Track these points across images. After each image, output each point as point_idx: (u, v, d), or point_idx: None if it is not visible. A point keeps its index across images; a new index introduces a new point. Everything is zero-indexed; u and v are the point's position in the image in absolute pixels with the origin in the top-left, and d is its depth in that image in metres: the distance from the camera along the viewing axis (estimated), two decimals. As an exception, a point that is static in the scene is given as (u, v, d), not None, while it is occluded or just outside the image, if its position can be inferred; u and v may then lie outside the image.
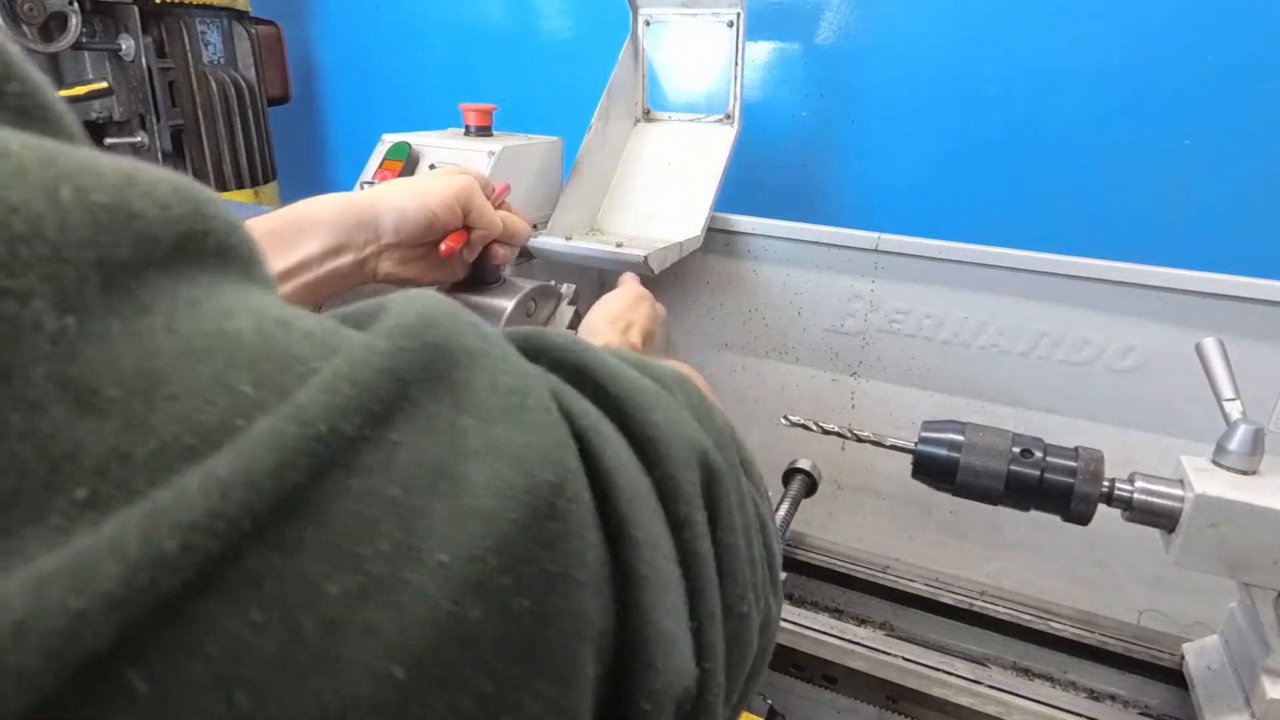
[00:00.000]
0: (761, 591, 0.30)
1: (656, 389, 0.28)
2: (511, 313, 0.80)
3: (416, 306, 0.21)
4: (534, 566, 0.19)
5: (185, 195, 0.17)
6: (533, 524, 0.19)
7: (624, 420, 0.26)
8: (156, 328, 0.16)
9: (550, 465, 0.20)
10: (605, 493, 0.23)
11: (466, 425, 0.19)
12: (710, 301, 1.23)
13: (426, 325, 0.20)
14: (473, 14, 1.71)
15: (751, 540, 0.29)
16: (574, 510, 0.21)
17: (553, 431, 0.21)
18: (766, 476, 0.81)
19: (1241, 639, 0.69)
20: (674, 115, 1.24)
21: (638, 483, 0.24)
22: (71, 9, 1.28)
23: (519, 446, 0.20)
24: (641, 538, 0.23)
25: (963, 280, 1.04)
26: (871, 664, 0.81)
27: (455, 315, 0.21)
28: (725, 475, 0.28)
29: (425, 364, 0.19)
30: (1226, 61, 1.18)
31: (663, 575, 0.23)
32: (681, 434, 0.26)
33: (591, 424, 0.24)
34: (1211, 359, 0.67)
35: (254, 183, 1.63)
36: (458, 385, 0.20)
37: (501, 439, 0.20)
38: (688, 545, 0.25)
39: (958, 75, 1.33)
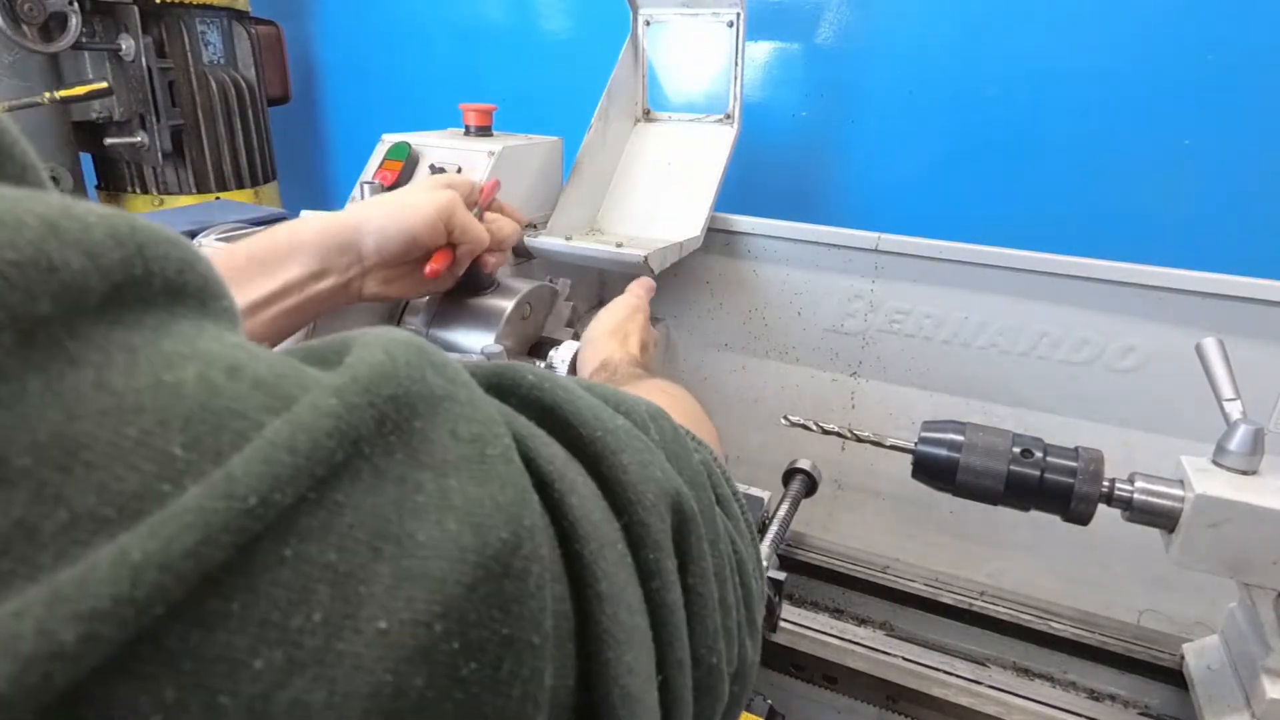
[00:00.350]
0: (736, 636, 0.29)
1: (628, 429, 0.27)
2: (510, 314, 0.80)
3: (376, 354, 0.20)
4: (485, 630, 0.18)
5: (122, 239, 0.16)
6: (484, 585, 0.18)
7: (593, 462, 0.25)
8: (83, 384, 0.15)
9: (506, 521, 0.19)
10: (570, 542, 0.22)
11: (420, 479, 0.19)
12: (710, 301, 1.23)
13: (383, 377, 0.19)
14: (473, 14, 1.71)
15: (725, 582, 0.29)
16: (531, 569, 0.20)
17: (512, 483, 0.20)
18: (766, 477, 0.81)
19: (1241, 639, 0.69)
20: (674, 115, 1.24)
21: (604, 531, 0.23)
22: (71, 9, 1.28)
23: (473, 501, 0.19)
24: (606, 591, 0.22)
25: (963, 280, 1.04)
26: (871, 664, 0.81)
27: (419, 359, 0.21)
28: (697, 518, 0.27)
29: (379, 419, 0.18)
30: (1226, 62, 1.18)
31: (627, 630, 0.22)
32: (652, 477, 0.26)
33: (557, 469, 0.23)
34: (1211, 359, 0.67)
35: (254, 183, 1.63)
36: (414, 435, 0.19)
37: (456, 493, 0.19)
38: (656, 595, 0.24)
39: (958, 75, 1.33)
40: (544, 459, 0.23)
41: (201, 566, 0.14)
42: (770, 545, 0.81)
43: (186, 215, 1.06)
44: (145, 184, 1.53)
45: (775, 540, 0.82)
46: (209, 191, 1.55)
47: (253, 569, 0.15)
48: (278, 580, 0.15)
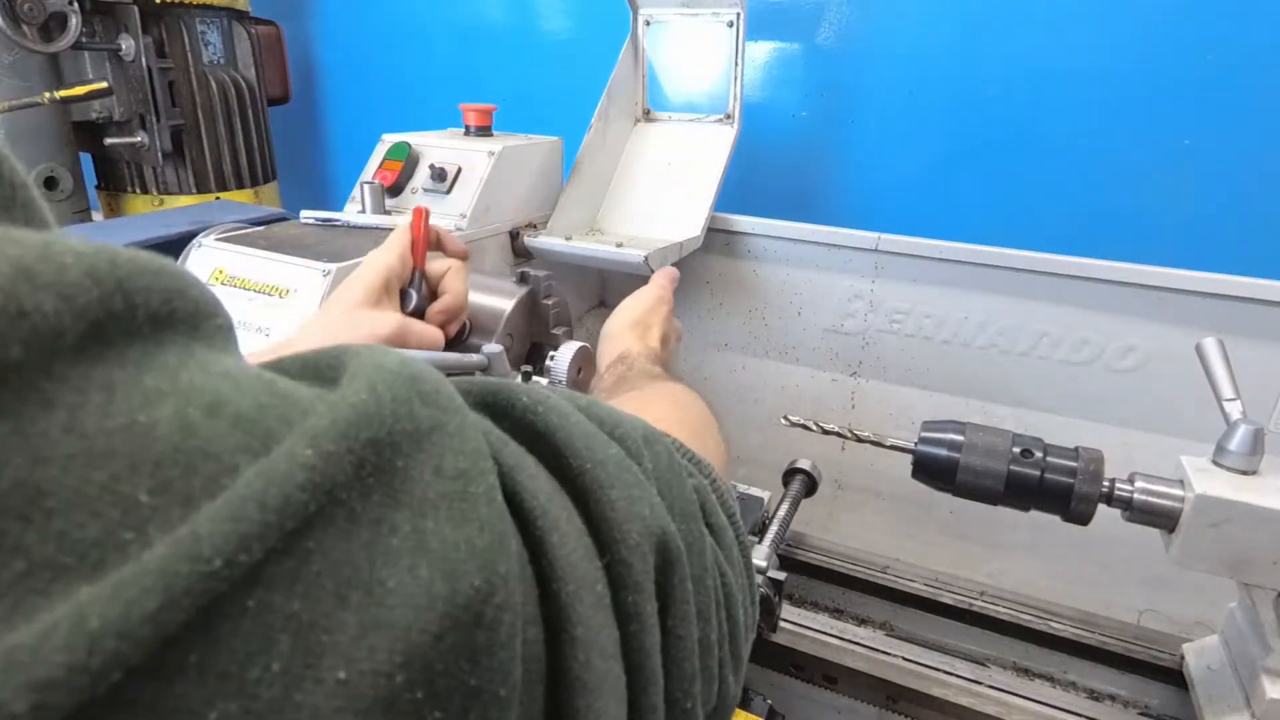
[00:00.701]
0: (716, 674, 0.29)
1: (619, 460, 0.27)
2: (510, 314, 0.80)
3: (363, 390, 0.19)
4: (451, 680, 0.18)
5: (100, 276, 0.16)
6: (453, 634, 0.18)
7: (581, 496, 0.25)
8: (54, 428, 0.15)
9: (480, 568, 0.19)
10: (548, 581, 0.22)
11: (396, 521, 0.18)
12: (710, 301, 1.23)
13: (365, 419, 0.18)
14: (473, 14, 1.71)
15: (709, 620, 0.29)
16: (503, 618, 0.19)
17: (491, 526, 0.20)
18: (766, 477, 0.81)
19: (1241, 639, 0.69)
20: (674, 115, 1.24)
21: (583, 571, 0.23)
22: (71, 9, 1.28)
23: (450, 545, 0.19)
24: (581, 635, 0.22)
25: (963, 280, 1.04)
26: (871, 664, 0.81)
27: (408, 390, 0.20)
28: (683, 559, 0.27)
29: (358, 464, 0.18)
30: (1226, 62, 1.18)
31: (599, 675, 0.22)
32: (639, 514, 0.25)
33: (541, 505, 0.23)
34: (1211, 359, 0.67)
35: (254, 183, 1.63)
36: (395, 475, 0.19)
37: (433, 535, 0.19)
38: (633, 639, 0.24)
39: (958, 75, 1.33)
40: (529, 493, 0.23)
41: (162, 631, 0.14)
42: (770, 545, 0.81)
43: (186, 215, 1.06)
44: (145, 184, 1.53)
45: (775, 540, 0.82)
46: (209, 191, 1.55)
47: (213, 623, 0.15)
48: (238, 631, 0.15)
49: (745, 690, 0.83)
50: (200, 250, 0.84)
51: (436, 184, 1.03)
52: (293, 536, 0.16)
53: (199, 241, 0.85)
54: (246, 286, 0.80)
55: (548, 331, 0.84)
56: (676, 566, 0.26)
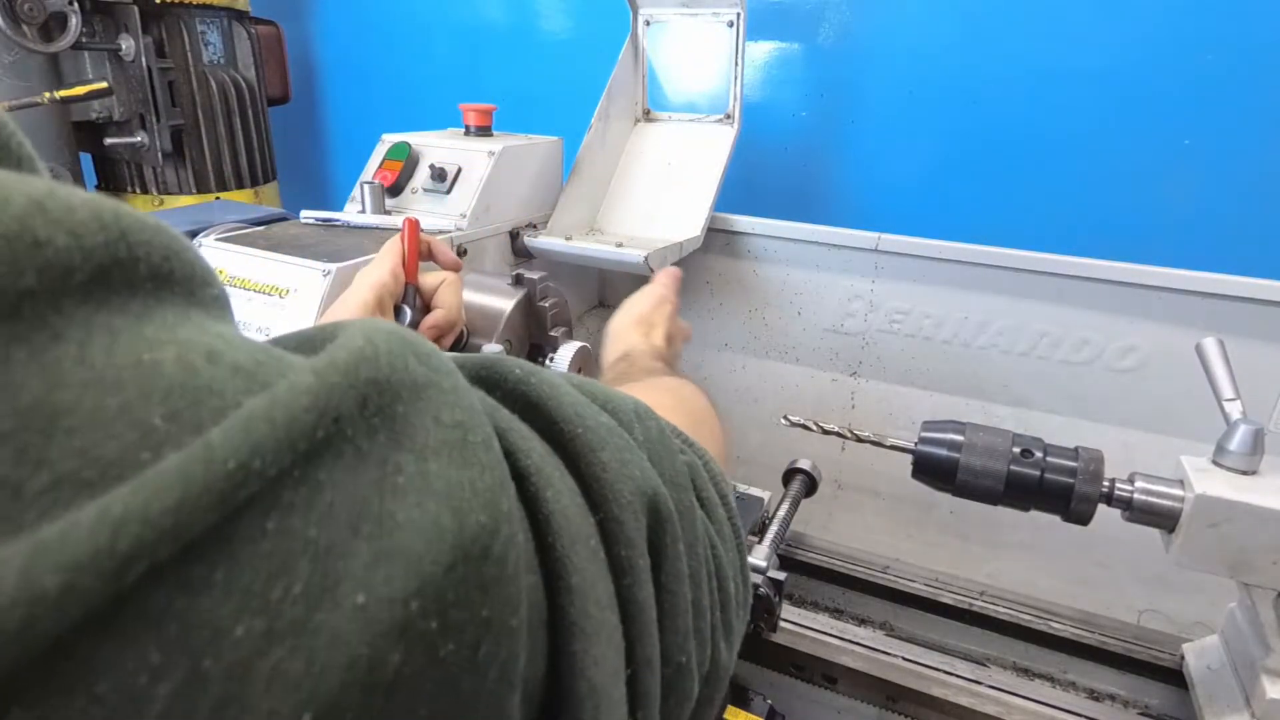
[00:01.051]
0: (709, 639, 0.29)
1: (611, 427, 0.27)
2: (510, 314, 0.80)
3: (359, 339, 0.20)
4: (464, 611, 0.19)
5: (106, 222, 0.17)
6: (462, 566, 0.19)
7: (572, 459, 0.25)
8: (65, 358, 0.15)
9: (485, 506, 0.20)
10: (544, 535, 0.22)
11: (401, 461, 0.19)
12: (710, 301, 1.23)
13: (363, 360, 0.19)
14: (473, 14, 1.71)
15: (701, 585, 0.29)
16: (509, 553, 0.20)
17: (492, 470, 0.21)
18: (766, 476, 0.81)
19: (1241, 639, 0.69)
20: (674, 115, 1.24)
21: (578, 525, 0.23)
22: (71, 9, 1.28)
23: (455, 484, 0.19)
24: (577, 584, 0.22)
25: (963, 280, 1.04)
26: (871, 664, 0.81)
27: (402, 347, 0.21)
28: (674, 519, 0.27)
29: (363, 399, 0.19)
30: (1226, 62, 1.18)
31: (596, 623, 0.23)
32: (629, 475, 0.26)
33: (535, 463, 0.23)
34: (1211, 359, 0.67)
35: (254, 182, 1.63)
36: (396, 419, 0.19)
37: (437, 476, 0.19)
38: (627, 591, 0.25)
39: (958, 75, 1.33)
40: (522, 452, 0.23)
41: (182, 527, 0.15)
42: (770, 545, 0.81)
43: (186, 215, 1.06)
44: (145, 184, 1.53)
45: (775, 540, 0.82)
46: (209, 191, 1.55)
47: (235, 539, 0.15)
48: (259, 552, 0.16)
49: (745, 690, 0.83)
50: (200, 250, 0.84)
51: (436, 184, 1.03)
52: (304, 463, 0.17)
53: (199, 241, 0.85)
54: (246, 286, 0.80)
55: (546, 333, 0.84)
56: (668, 526, 0.27)
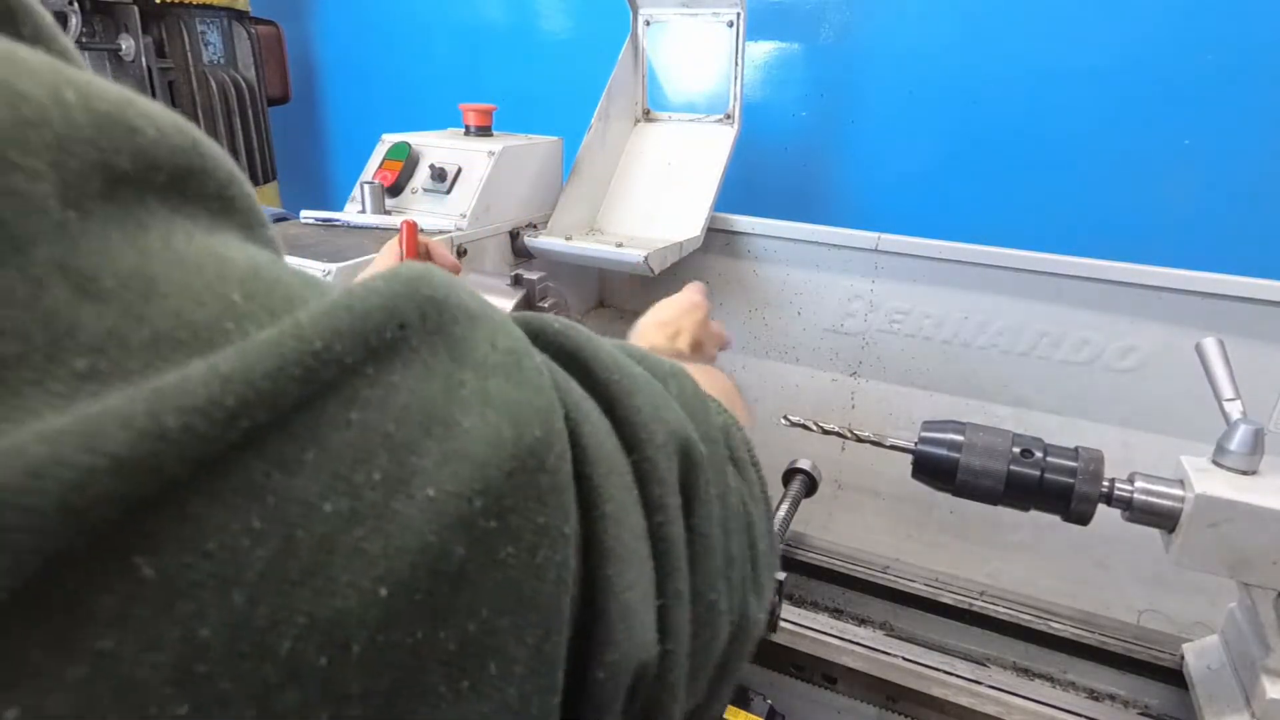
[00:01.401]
0: (738, 588, 0.30)
1: (646, 378, 0.28)
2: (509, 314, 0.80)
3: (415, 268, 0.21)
4: (521, 516, 0.20)
5: (183, 129, 0.18)
6: (521, 474, 0.20)
7: (608, 403, 0.26)
8: (152, 242, 0.16)
9: (541, 421, 0.21)
10: (581, 465, 0.23)
11: (464, 377, 0.20)
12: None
13: (421, 280, 0.20)
14: (473, 14, 1.71)
15: (730, 533, 0.30)
16: (562, 466, 0.21)
17: (545, 391, 0.22)
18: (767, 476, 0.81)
19: (1241, 639, 0.69)
20: (674, 115, 1.24)
21: (614, 460, 0.24)
22: (71, 9, 1.28)
23: (513, 402, 0.20)
24: (612, 511, 0.23)
25: (963, 280, 1.04)
26: (871, 664, 0.81)
27: (454, 281, 0.22)
28: (705, 465, 0.28)
29: (423, 313, 0.20)
30: (1226, 62, 1.18)
31: (630, 550, 0.24)
32: (663, 419, 0.27)
33: (574, 400, 0.24)
34: (1211, 359, 0.67)
35: (254, 182, 1.63)
36: (456, 340, 0.20)
37: (496, 393, 0.20)
38: (659, 529, 0.25)
39: (957, 75, 1.33)
40: (562, 390, 0.24)
41: (278, 394, 0.16)
42: (770, 545, 0.80)
43: (186, 215, 1.06)
44: (145, 184, 1.53)
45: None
46: (209, 191, 1.55)
47: (322, 423, 0.17)
48: (345, 439, 0.17)
49: (745, 690, 0.83)
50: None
51: (436, 184, 1.03)
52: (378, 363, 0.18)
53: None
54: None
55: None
56: (700, 471, 0.28)
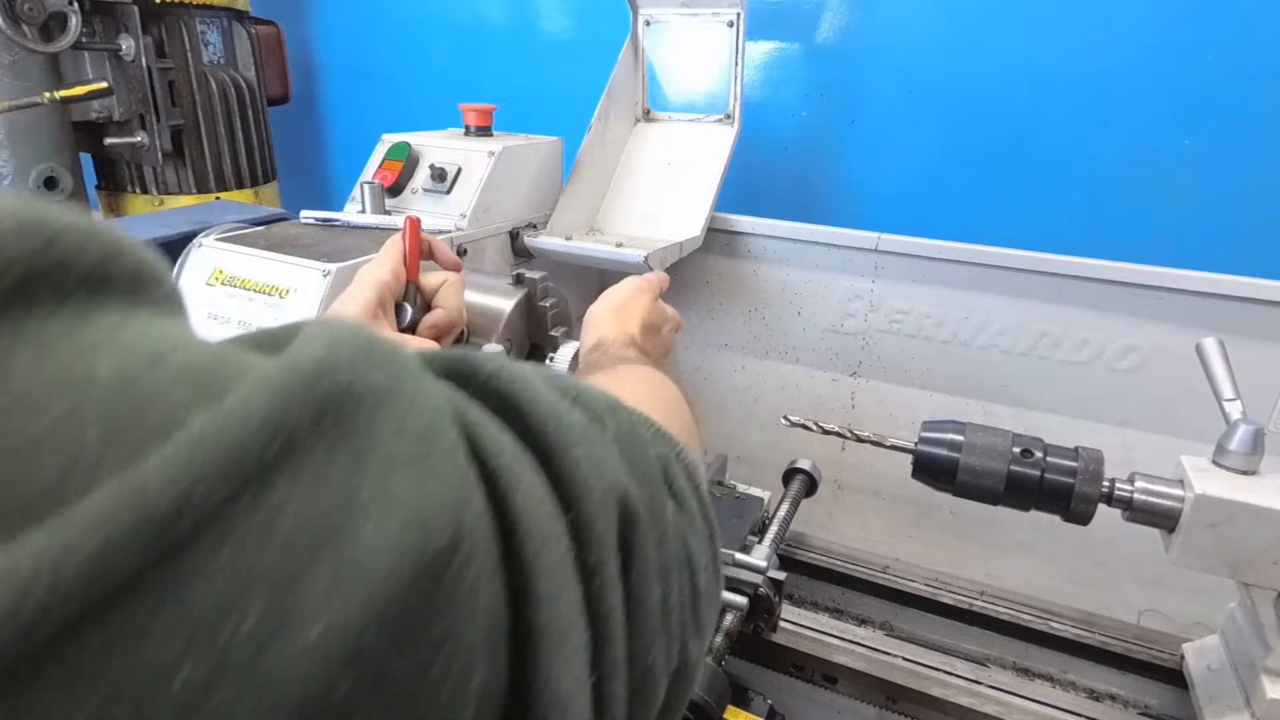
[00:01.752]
0: (676, 636, 0.29)
1: (583, 423, 0.27)
2: (509, 314, 0.80)
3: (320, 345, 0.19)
4: (419, 630, 0.18)
5: (29, 232, 0.16)
6: (421, 584, 0.18)
7: (545, 456, 0.25)
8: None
9: (448, 520, 0.19)
10: (511, 539, 0.22)
11: (364, 476, 0.18)
12: (710, 301, 1.23)
13: (324, 370, 0.18)
14: (473, 14, 1.71)
15: (669, 579, 0.29)
16: (468, 568, 0.20)
17: (456, 481, 0.20)
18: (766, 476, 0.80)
19: (1241, 639, 0.69)
20: (674, 115, 1.24)
21: (548, 528, 0.23)
22: (71, 9, 1.28)
23: (417, 499, 0.19)
24: (544, 590, 0.22)
25: (963, 280, 1.04)
26: (871, 664, 0.81)
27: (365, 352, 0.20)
28: (644, 517, 0.27)
29: (320, 410, 0.18)
30: (1226, 62, 1.18)
31: (563, 630, 0.23)
32: (601, 474, 0.26)
33: (505, 464, 0.23)
34: (1211, 359, 0.67)
35: (254, 183, 1.63)
36: (358, 432, 0.19)
37: (400, 490, 0.19)
38: (596, 594, 0.24)
39: (957, 75, 1.33)
40: (492, 452, 0.23)
41: (109, 573, 0.14)
42: (770, 545, 0.81)
43: (186, 215, 1.06)
44: (145, 184, 1.53)
45: (775, 540, 0.82)
46: (209, 191, 1.55)
47: (181, 574, 0.15)
48: (210, 592, 0.15)
49: (745, 690, 0.83)
50: (200, 250, 0.84)
51: (436, 184, 1.03)
52: (258, 484, 0.16)
53: (199, 241, 0.85)
54: (246, 286, 0.80)
55: (545, 333, 0.84)
56: (638, 524, 0.27)
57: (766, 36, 1.44)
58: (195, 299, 0.81)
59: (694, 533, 0.32)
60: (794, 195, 1.51)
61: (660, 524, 0.29)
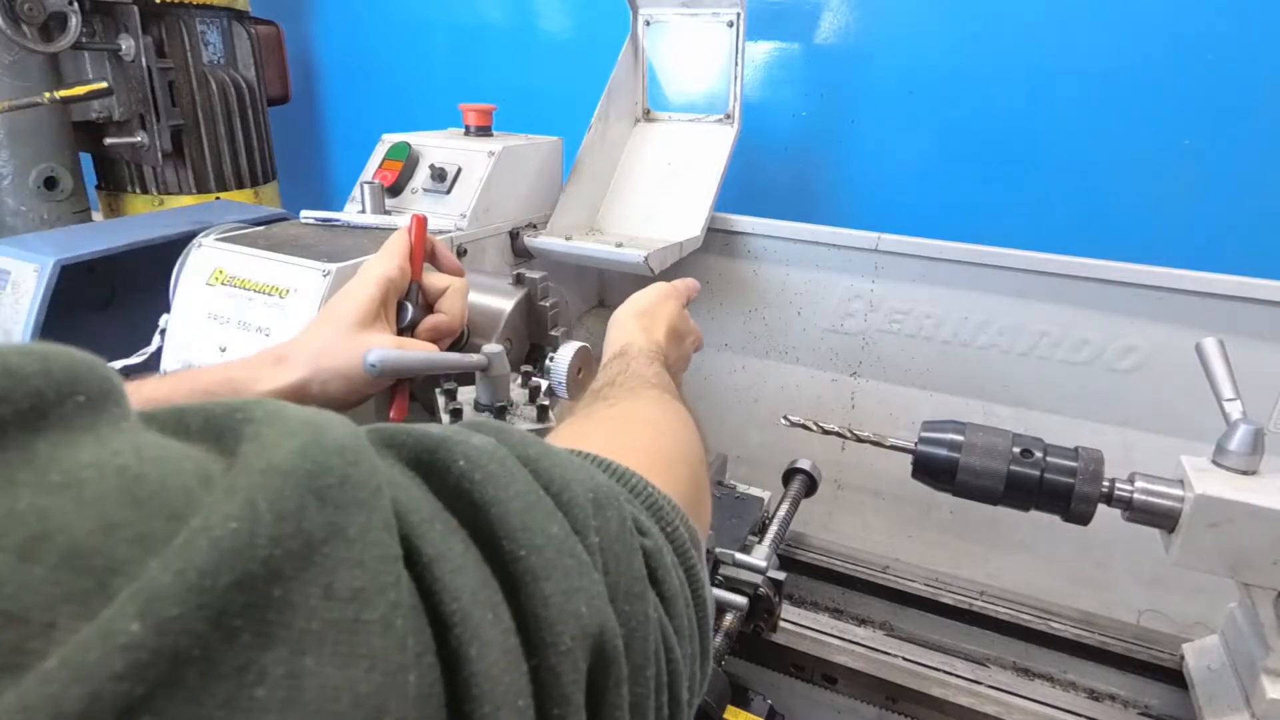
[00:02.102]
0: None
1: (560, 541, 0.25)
2: (509, 315, 0.80)
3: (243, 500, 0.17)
4: None
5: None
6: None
7: (513, 587, 0.23)
8: None
9: (364, 718, 0.17)
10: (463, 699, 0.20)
11: (265, 664, 0.16)
12: (710, 301, 1.23)
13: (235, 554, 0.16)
14: (473, 14, 1.71)
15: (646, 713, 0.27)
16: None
17: (383, 663, 0.18)
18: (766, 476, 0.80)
19: (1241, 639, 0.69)
20: (674, 115, 1.24)
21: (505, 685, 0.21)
22: (71, 9, 1.28)
23: (327, 694, 0.16)
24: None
25: (963, 280, 1.04)
26: (871, 664, 0.81)
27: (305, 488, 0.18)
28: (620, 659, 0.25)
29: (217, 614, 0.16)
30: (1226, 61, 1.18)
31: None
32: (575, 612, 0.24)
33: (462, 608, 0.21)
34: (1211, 359, 0.67)
35: (254, 183, 1.63)
36: (270, 606, 0.16)
37: (309, 680, 0.16)
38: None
39: (957, 75, 1.33)
40: (450, 594, 0.21)
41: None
42: (770, 545, 0.81)
43: (186, 215, 1.06)
44: (145, 184, 1.53)
45: (775, 540, 0.82)
46: (209, 191, 1.55)
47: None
48: None
49: (745, 690, 0.83)
50: (200, 250, 0.84)
51: (436, 184, 1.03)
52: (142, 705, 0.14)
53: (199, 241, 0.85)
54: (246, 286, 0.80)
55: (545, 333, 0.84)
56: (612, 669, 0.25)
57: (766, 36, 1.44)
58: (195, 299, 0.81)
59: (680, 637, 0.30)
60: (794, 195, 1.51)
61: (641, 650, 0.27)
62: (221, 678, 0.15)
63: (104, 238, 0.93)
